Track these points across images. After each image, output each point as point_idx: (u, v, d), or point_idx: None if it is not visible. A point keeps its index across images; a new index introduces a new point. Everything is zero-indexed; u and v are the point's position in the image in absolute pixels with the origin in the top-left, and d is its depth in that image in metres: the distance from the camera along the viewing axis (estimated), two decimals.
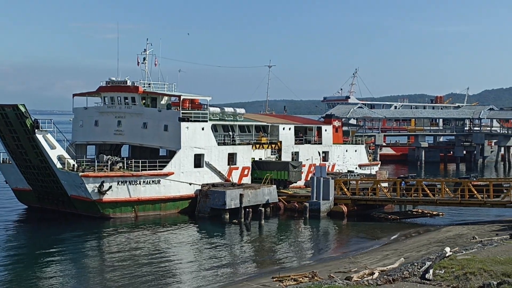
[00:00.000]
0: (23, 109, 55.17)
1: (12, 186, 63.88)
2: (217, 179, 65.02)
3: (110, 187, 57.03)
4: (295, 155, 75.47)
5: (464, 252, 38.37)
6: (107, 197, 57.10)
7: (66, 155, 58.50)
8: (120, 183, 57.86)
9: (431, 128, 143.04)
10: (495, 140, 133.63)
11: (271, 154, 72.99)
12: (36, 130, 55.87)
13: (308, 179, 69.92)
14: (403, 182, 62.97)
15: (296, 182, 70.24)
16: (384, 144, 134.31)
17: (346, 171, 77.25)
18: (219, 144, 66.45)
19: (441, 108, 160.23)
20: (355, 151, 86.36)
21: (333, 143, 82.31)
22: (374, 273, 34.73)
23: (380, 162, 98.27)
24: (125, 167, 60.21)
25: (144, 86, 66.42)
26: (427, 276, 31.73)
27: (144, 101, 66.19)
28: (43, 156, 57.15)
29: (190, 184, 62.33)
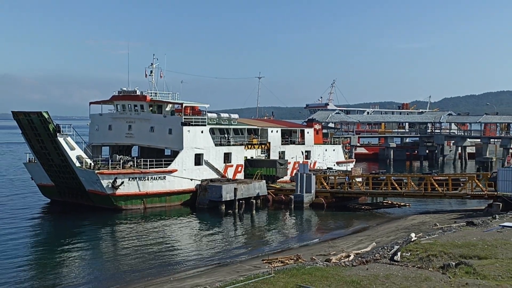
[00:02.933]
0: (46, 116, 55.11)
1: (37, 182, 63.64)
2: (214, 175, 65.07)
3: (122, 182, 56.99)
4: (282, 154, 75.59)
5: (427, 237, 38.60)
6: (120, 191, 57.03)
7: (84, 155, 58.41)
8: (130, 179, 57.81)
9: (399, 130, 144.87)
10: (453, 141, 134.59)
11: (261, 153, 73.09)
12: (57, 134, 55.81)
13: (293, 174, 69.95)
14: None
15: (282, 177, 70.27)
16: (358, 144, 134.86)
17: (326, 168, 77.42)
18: (216, 145, 66.50)
19: (407, 114, 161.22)
20: (333, 150, 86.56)
21: (314, 144, 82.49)
22: (350, 256, 34.88)
23: (355, 160, 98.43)
24: (135, 165, 60.13)
25: (151, 95, 66.46)
26: (395, 258, 31.90)
27: (151, 108, 66.19)
28: (64, 156, 57.04)
29: (191, 179, 62.32)
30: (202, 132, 64.49)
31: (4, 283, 32.74)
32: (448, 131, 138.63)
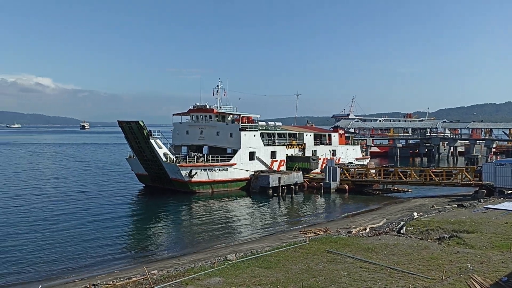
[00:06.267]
0: (142, 124, 56.41)
1: (135, 172, 65.09)
2: (263, 168, 65.10)
3: (196, 172, 57.70)
4: (314, 152, 75.06)
5: (426, 216, 37.62)
6: (194, 179, 57.76)
7: (168, 153, 59.47)
8: (202, 170, 58.46)
9: (404, 134, 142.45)
10: (447, 142, 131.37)
11: (298, 152, 72.73)
12: (150, 137, 57.03)
13: (323, 167, 69.45)
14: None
15: (314, 170, 69.84)
16: (372, 145, 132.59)
17: (348, 163, 76.46)
18: (265, 145, 66.56)
19: (410, 121, 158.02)
20: (353, 149, 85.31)
21: (339, 144, 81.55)
22: (366, 229, 34.31)
23: (370, 156, 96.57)
24: (205, 160, 60.82)
25: (217, 109, 67.11)
26: (401, 231, 31.22)
27: (217, 118, 66.80)
28: (154, 153, 58.20)
29: (247, 171, 62.55)
30: (254, 135, 64.72)
31: (109, 245, 33.63)
32: (443, 134, 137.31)
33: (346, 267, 22.29)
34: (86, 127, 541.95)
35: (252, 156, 63.96)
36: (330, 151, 78.43)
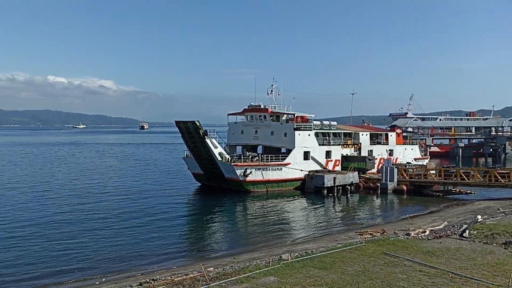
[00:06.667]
0: (198, 124, 57.63)
1: (191, 171, 66.48)
2: (318, 168, 64.55)
3: (251, 172, 58.12)
4: (370, 152, 73.50)
5: (491, 219, 35.79)
6: (249, 178, 58.21)
7: (224, 152, 60.28)
8: (256, 169, 58.82)
9: (466, 133, 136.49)
10: None
11: (354, 151, 71.49)
12: (205, 137, 58.14)
13: (379, 167, 67.89)
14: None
15: (370, 170, 68.37)
16: (432, 144, 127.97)
17: (405, 163, 74.32)
18: (319, 144, 65.96)
19: (474, 120, 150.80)
20: (411, 149, 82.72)
21: (396, 144, 79.36)
22: (426, 231, 33.14)
23: (429, 157, 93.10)
24: (260, 159, 61.16)
25: (272, 108, 67.26)
26: (464, 234, 29.91)
27: (271, 117, 66.98)
28: (210, 152, 59.25)
29: (301, 170, 62.28)
30: (309, 135, 64.31)
31: (167, 242, 34.60)
32: (509, 133, 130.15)
33: (404, 271, 21.66)
34: (145, 127, 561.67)
35: (306, 155, 63.58)
36: (387, 151, 76.49)
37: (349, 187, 59.18)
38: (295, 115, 65.48)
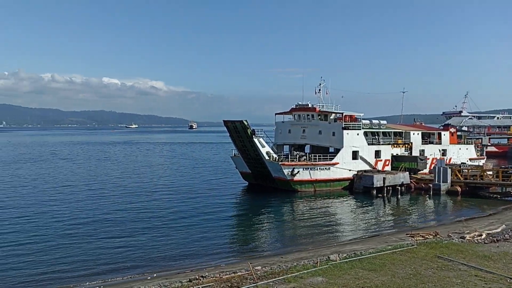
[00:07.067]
0: (246, 123, 58.08)
1: (239, 170, 67.12)
2: (367, 167, 63.40)
3: (298, 171, 57.93)
4: (422, 151, 71.37)
5: None
6: (296, 178, 58.04)
7: (271, 151, 60.46)
8: (304, 169, 58.56)
9: None
10: None
11: (405, 151, 69.69)
12: (253, 136, 58.50)
13: (431, 168, 65.83)
14: None
15: (422, 170, 66.43)
16: (489, 144, 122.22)
17: (460, 163, 71.51)
18: (368, 144, 64.80)
19: None
20: (466, 149, 79.45)
21: (450, 144, 76.54)
22: (482, 235, 31.77)
23: (486, 157, 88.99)
24: (307, 159, 60.85)
25: (320, 107, 66.72)
26: None
27: (319, 117, 66.43)
28: (257, 152, 59.56)
29: (350, 170, 61.40)
30: (358, 134, 63.32)
31: (216, 241, 35.07)
32: None
33: (458, 275, 20.86)
34: (194, 127, 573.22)
35: (355, 155, 62.61)
36: (439, 150, 73.96)
37: (399, 188, 57.74)
38: (344, 114, 64.60)
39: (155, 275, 26.22)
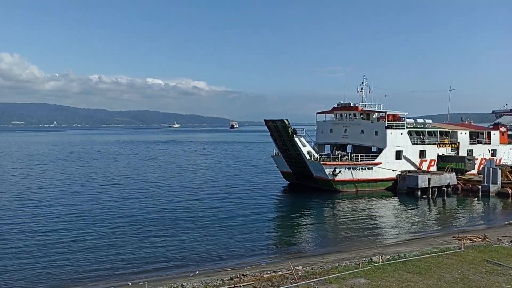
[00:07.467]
0: (286, 122, 58.02)
1: (280, 169, 67.15)
2: (411, 168, 61.87)
3: (340, 171, 57.31)
4: (470, 151, 68.86)
5: None
6: (338, 178, 57.43)
7: (312, 151, 60.14)
8: (346, 169, 57.84)
9: None
10: None
11: (451, 151, 67.46)
12: (294, 135, 58.36)
13: (480, 169, 63.41)
14: None
15: (470, 171, 64.06)
16: None
17: (511, 164, 68.49)
18: (413, 144, 63.22)
19: None
20: None
21: (500, 143, 73.39)
22: None
23: None
24: (349, 159, 60.06)
25: (362, 106, 65.71)
26: None
27: (361, 116, 65.42)
28: (298, 151, 59.35)
29: (393, 170, 60.12)
30: (401, 134, 61.89)
31: (257, 239, 35.24)
32: None
33: (509, 280, 20.00)
34: (235, 126, 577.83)
35: (398, 155, 61.22)
36: (489, 150, 71.09)
37: (445, 189, 55.94)
38: (387, 113, 63.28)
39: (197, 272, 26.64)
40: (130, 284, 24.76)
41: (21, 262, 28.83)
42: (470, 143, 69.82)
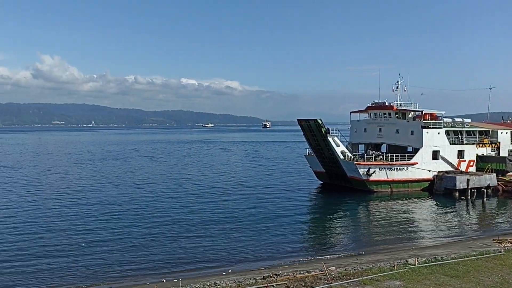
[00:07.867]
0: (320, 122, 57.66)
1: (313, 169, 66.83)
2: (449, 168, 60.27)
3: (374, 171, 56.49)
4: (511, 152, 66.46)
5: None
6: (372, 178, 56.64)
7: (346, 151, 59.50)
8: (380, 169, 56.96)
9: None
10: None
11: (491, 151, 65.28)
12: (328, 135, 57.92)
13: None
14: None
15: (511, 172, 61.76)
16: None
17: None
18: (450, 143, 61.56)
19: None
20: None
21: None
22: None
23: None
24: (384, 159, 59.10)
25: (397, 105, 64.50)
26: None
27: (397, 115, 64.21)
28: (332, 151, 58.88)
29: (429, 171, 58.75)
30: (438, 133, 60.39)
31: (289, 239, 35.17)
32: None
33: None
34: (268, 126, 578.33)
35: (435, 155, 59.76)
36: None
37: (485, 190, 54.24)
38: (423, 112, 61.90)
39: (230, 271, 26.86)
40: (164, 281, 25.21)
41: (60, 260, 29.75)
42: (511, 143, 67.42)
